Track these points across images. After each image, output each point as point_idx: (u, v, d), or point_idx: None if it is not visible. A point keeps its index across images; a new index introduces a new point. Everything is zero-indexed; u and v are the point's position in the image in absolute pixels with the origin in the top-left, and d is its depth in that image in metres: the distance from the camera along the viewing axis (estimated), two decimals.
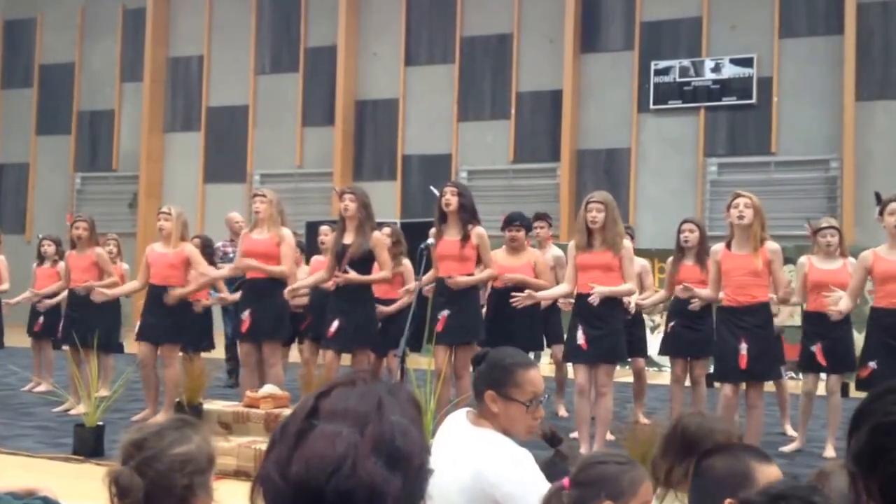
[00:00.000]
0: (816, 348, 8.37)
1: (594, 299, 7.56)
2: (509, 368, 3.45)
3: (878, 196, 7.65)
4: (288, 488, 1.30)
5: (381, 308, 9.46)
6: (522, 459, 3.30)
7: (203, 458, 2.49)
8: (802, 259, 8.76)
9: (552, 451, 3.51)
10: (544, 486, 3.04)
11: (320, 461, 1.29)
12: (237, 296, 9.57)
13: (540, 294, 8.24)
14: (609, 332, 7.72)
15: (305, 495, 1.28)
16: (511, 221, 8.98)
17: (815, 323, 8.41)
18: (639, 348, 9.90)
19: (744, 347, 7.23)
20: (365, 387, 1.40)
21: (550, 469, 3.24)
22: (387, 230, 9.90)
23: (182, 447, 2.47)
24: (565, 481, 2.69)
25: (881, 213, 7.27)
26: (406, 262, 9.94)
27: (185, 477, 2.43)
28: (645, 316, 10.62)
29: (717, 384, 8.25)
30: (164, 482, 2.41)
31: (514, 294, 8.13)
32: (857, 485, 1.49)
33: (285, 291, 8.85)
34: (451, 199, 8.31)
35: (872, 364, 7.10)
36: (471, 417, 3.51)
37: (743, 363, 7.23)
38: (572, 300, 8.21)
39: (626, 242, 7.91)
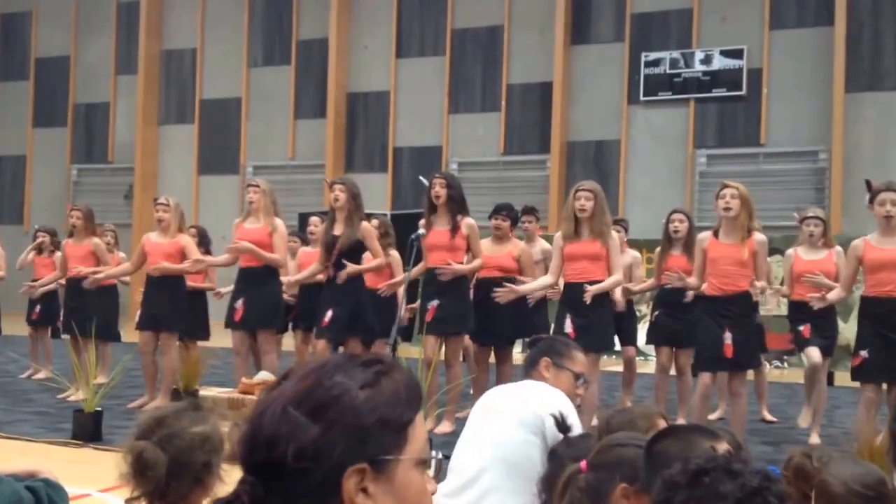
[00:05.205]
0: (804, 327, 8.45)
1: (587, 298, 7.59)
2: (568, 345, 4.23)
3: (868, 184, 7.51)
4: (244, 434, 1.44)
5: None
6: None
7: (217, 438, 2.51)
8: (789, 251, 8.79)
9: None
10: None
11: (257, 406, 1.44)
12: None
13: (523, 288, 8.25)
14: (596, 320, 7.76)
15: (247, 437, 1.42)
16: (497, 211, 9.00)
17: (802, 311, 8.43)
18: (630, 337, 9.98)
19: (728, 336, 7.17)
20: (338, 359, 1.48)
21: (553, 455, 3.27)
22: (375, 222, 9.93)
23: (200, 426, 2.50)
24: (582, 464, 2.60)
25: (871, 202, 7.18)
26: (394, 252, 9.91)
27: (205, 454, 2.46)
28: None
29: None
30: (184, 458, 2.43)
31: (496, 290, 8.13)
32: None
33: (284, 285, 8.93)
34: (440, 192, 8.38)
35: (864, 353, 7.06)
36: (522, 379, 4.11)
37: (729, 352, 7.17)
38: (558, 289, 8.26)
39: (614, 233, 7.95)
